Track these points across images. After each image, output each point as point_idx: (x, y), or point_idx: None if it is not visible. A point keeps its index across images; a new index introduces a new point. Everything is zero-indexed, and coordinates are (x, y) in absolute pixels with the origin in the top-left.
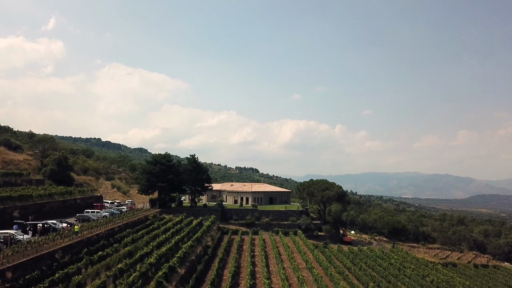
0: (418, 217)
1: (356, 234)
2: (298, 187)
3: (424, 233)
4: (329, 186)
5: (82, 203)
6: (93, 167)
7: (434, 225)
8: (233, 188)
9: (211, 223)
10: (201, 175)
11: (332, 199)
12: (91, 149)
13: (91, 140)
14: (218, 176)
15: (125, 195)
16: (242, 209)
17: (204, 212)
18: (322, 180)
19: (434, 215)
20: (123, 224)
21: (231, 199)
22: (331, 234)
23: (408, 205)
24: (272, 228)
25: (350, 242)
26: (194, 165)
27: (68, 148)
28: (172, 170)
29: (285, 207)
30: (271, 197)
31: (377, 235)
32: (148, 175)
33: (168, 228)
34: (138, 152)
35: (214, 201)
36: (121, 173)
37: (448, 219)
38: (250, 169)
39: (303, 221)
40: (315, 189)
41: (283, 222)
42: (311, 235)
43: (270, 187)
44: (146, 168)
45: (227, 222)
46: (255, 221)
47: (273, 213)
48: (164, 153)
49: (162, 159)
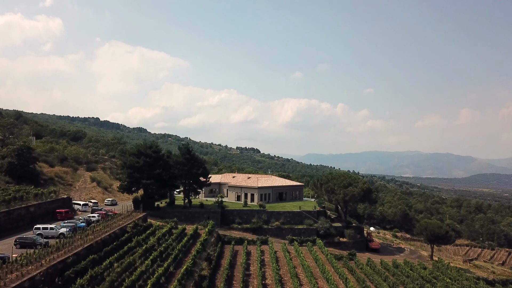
0: (433, 204)
1: (375, 230)
2: (315, 183)
3: (449, 226)
4: (353, 182)
5: (39, 211)
6: (73, 154)
7: (452, 213)
8: (235, 181)
9: (209, 232)
10: (197, 169)
11: (356, 198)
12: (82, 131)
13: (89, 120)
14: (218, 156)
15: (106, 191)
16: (246, 210)
17: (200, 214)
18: (343, 174)
19: (448, 199)
20: (85, 247)
21: (233, 194)
22: (355, 240)
23: (410, 185)
24: (283, 234)
25: (377, 249)
26: (188, 156)
27: (58, 130)
28: (160, 164)
29: (299, 207)
30: (281, 192)
31: (398, 230)
32: (130, 170)
33: (150, 247)
34: (137, 132)
35: (212, 195)
36: (106, 161)
37: (464, 205)
38: (251, 149)
39: (321, 225)
40: (335, 185)
41: (296, 226)
42: (331, 241)
43: (278, 180)
44: (127, 161)
45: (228, 226)
46: (263, 225)
47: (285, 214)
48: (150, 142)
49: (148, 150)
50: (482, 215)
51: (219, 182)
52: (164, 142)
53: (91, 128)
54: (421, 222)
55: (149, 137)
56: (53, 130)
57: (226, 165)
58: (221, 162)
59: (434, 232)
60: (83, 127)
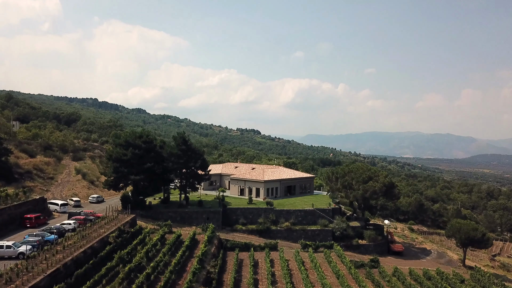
0: (442, 189)
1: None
2: (329, 176)
3: (466, 216)
4: (373, 175)
5: (1, 219)
6: (59, 141)
7: (463, 199)
8: (238, 172)
9: (209, 240)
10: (194, 162)
11: (378, 194)
12: (77, 113)
13: (87, 101)
14: (218, 138)
15: (92, 186)
16: (252, 209)
17: (199, 215)
18: (362, 166)
19: (455, 183)
20: (48, 274)
21: (236, 188)
22: (376, 242)
23: (412, 166)
24: (294, 237)
25: (400, 251)
26: (184, 147)
27: (51, 112)
28: (152, 156)
29: (311, 205)
30: (289, 185)
31: (413, 223)
32: (116, 164)
33: (136, 266)
34: (136, 113)
35: (213, 188)
36: (96, 148)
37: (475, 191)
38: (252, 131)
39: (337, 225)
40: (353, 179)
41: (309, 227)
42: (348, 244)
43: (286, 172)
44: (113, 154)
45: (231, 228)
46: (271, 226)
47: (295, 213)
48: (140, 131)
49: (137, 140)
50: (494, 201)
51: (220, 173)
52: (164, 124)
53: (89, 109)
54: (452, 223)
55: (148, 118)
56: (45, 112)
57: (226, 148)
58: (221, 144)
59: (469, 235)
60: (80, 108)
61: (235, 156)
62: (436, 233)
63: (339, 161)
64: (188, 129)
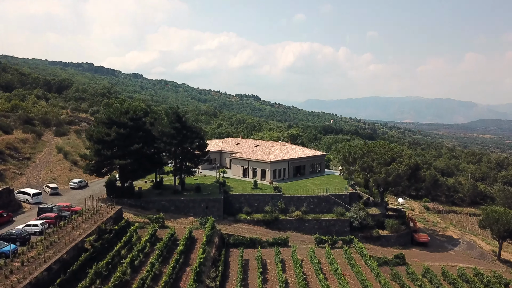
0: (449, 159)
1: (404, 202)
2: (345, 157)
3: (482, 192)
4: (396, 155)
5: None
6: (41, 113)
7: (473, 170)
8: (240, 150)
9: (209, 239)
10: (190, 142)
11: (402, 178)
12: (69, 79)
13: (83, 65)
14: (217, 104)
15: (75, 167)
16: (257, 195)
17: (196, 203)
18: (383, 145)
19: (463, 153)
20: None
21: (238, 169)
22: (399, 232)
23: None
24: (307, 228)
25: (425, 242)
26: (178, 125)
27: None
28: (141, 135)
29: (325, 190)
30: (298, 166)
31: (428, 200)
32: (98, 146)
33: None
34: (133, 78)
35: (212, 167)
36: (83, 121)
37: (484, 161)
38: (251, 96)
39: (356, 214)
40: (373, 160)
41: (323, 217)
42: (368, 236)
43: (295, 150)
44: (93, 133)
45: (234, 218)
46: (279, 216)
47: (307, 200)
48: (126, 104)
49: (122, 117)
50: (504, 172)
51: (220, 151)
52: (161, 89)
53: (85, 74)
54: (488, 212)
55: (146, 84)
56: (35, 79)
57: (226, 115)
58: (220, 111)
59: (509, 227)
60: (76, 73)
61: (235, 125)
62: (453, 211)
63: (341, 128)
64: (186, 94)
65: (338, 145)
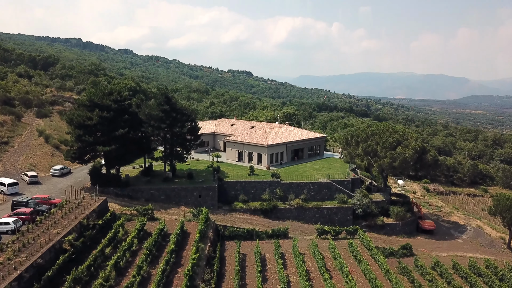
0: (446, 136)
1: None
2: (347, 140)
3: (482, 172)
4: (401, 138)
5: None
6: (22, 93)
7: (470, 148)
8: (235, 132)
9: (202, 234)
10: (181, 126)
11: (408, 163)
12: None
13: (71, 41)
14: (209, 80)
15: (57, 152)
16: (254, 182)
17: (188, 192)
18: (388, 127)
19: (458, 130)
20: None
21: (233, 152)
22: (404, 220)
23: (406, 108)
24: (307, 217)
25: (431, 230)
26: (167, 108)
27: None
28: (126, 119)
29: (326, 176)
30: (297, 149)
31: (428, 181)
32: (79, 131)
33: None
34: (123, 53)
35: (204, 149)
36: (67, 100)
37: (481, 138)
38: (244, 72)
39: (359, 201)
40: (378, 143)
41: (325, 205)
42: (372, 224)
43: (293, 132)
44: (74, 117)
45: (229, 207)
46: (278, 204)
47: (307, 187)
48: (110, 84)
49: (105, 99)
50: (501, 150)
51: (214, 132)
52: (152, 65)
53: (73, 50)
54: (499, 198)
55: (136, 60)
56: (20, 55)
57: (218, 92)
58: (212, 88)
59: None
60: (63, 49)
61: (228, 103)
62: (453, 192)
63: (335, 105)
64: (177, 70)
65: (333, 123)
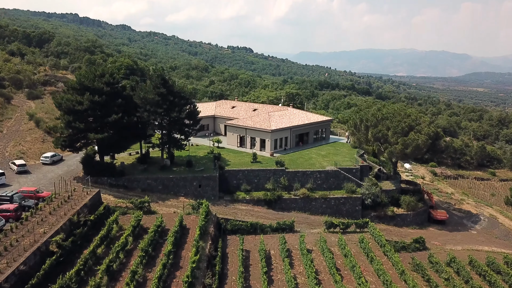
0: (450, 116)
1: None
2: (356, 124)
3: (489, 155)
4: (413, 123)
5: None
6: (12, 72)
7: (475, 128)
8: (236, 115)
9: (202, 231)
10: (179, 111)
11: (421, 149)
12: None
13: (67, 16)
14: (208, 57)
15: (48, 137)
16: (257, 171)
17: (187, 182)
18: (399, 110)
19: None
20: None
21: (234, 137)
22: (416, 210)
23: (407, 85)
24: (314, 208)
25: (444, 220)
26: (164, 90)
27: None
28: (120, 103)
29: (334, 163)
30: (302, 133)
31: (435, 164)
32: (68, 117)
33: None
34: (121, 29)
35: (204, 134)
36: (60, 81)
37: (486, 118)
38: (244, 49)
39: (368, 190)
40: (389, 129)
41: (332, 195)
42: (382, 215)
43: (298, 115)
44: (63, 102)
45: (231, 197)
46: (282, 194)
47: (314, 176)
48: (105, 62)
49: (97, 81)
50: (506, 130)
51: (214, 115)
52: (150, 41)
53: (69, 26)
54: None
55: (134, 36)
56: (14, 31)
57: (218, 70)
58: (211, 65)
59: None
60: (59, 25)
61: (228, 82)
62: (461, 176)
63: (337, 83)
64: (176, 47)
65: (336, 102)
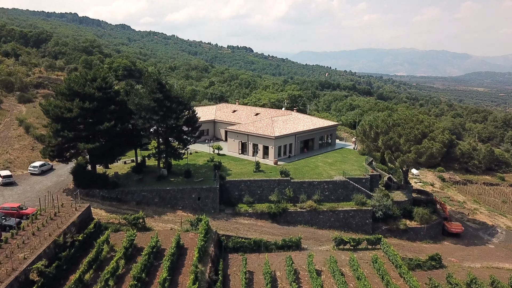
0: (454, 117)
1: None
2: (365, 131)
3: (498, 158)
4: (427, 130)
5: None
6: (3, 74)
7: (479, 130)
8: (238, 120)
9: (202, 252)
10: (176, 117)
11: (435, 157)
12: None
13: (67, 16)
14: (208, 56)
15: (38, 145)
16: (260, 181)
17: (186, 194)
18: (411, 116)
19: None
20: None
21: (235, 143)
22: (430, 223)
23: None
24: (321, 221)
25: (459, 233)
26: (160, 96)
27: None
28: (113, 110)
29: (343, 173)
30: (307, 140)
31: (443, 169)
32: (56, 125)
33: None
34: (120, 29)
35: (204, 139)
36: (54, 83)
37: (490, 119)
38: (243, 48)
39: (379, 202)
40: (401, 136)
41: (341, 207)
42: (393, 229)
43: (302, 120)
44: (50, 109)
45: (232, 210)
46: (288, 207)
47: (321, 187)
48: (93, 69)
49: (88, 86)
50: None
51: (214, 120)
52: (150, 41)
53: (69, 25)
54: None
55: (133, 35)
56: (10, 31)
57: (218, 70)
58: (211, 65)
59: None
60: (59, 25)
61: (228, 82)
62: (469, 181)
63: (338, 84)
64: (176, 47)
65: (338, 104)
